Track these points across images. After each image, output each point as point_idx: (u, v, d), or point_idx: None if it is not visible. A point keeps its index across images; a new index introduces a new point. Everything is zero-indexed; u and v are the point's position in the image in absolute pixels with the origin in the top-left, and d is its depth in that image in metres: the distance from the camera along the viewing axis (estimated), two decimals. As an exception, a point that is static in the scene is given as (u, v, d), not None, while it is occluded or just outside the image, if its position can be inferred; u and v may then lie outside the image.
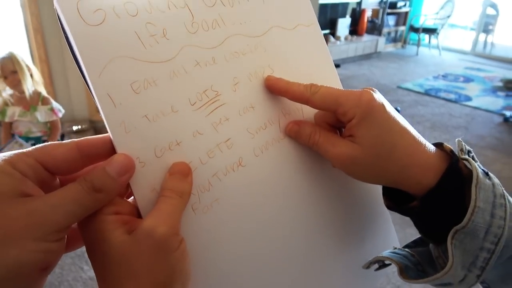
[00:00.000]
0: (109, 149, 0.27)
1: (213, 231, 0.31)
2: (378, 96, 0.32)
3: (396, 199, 0.35)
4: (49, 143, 0.25)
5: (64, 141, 0.25)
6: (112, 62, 0.27)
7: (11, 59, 1.83)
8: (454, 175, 0.30)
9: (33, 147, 0.24)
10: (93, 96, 0.26)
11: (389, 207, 0.36)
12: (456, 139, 0.34)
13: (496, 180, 0.30)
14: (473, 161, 0.30)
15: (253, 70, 0.34)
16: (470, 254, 0.28)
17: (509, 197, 0.30)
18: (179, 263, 0.26)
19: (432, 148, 0.32)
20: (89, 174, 0.24)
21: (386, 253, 0.36)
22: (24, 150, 0.24)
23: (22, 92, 1.88)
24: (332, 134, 0.35)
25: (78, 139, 0.26)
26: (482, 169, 0.30)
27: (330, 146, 0.33)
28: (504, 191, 0.30)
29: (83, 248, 0.27)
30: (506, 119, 3.59)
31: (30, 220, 0.21)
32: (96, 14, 0.26)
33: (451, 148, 0.33)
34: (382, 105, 0.31)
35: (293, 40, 0.38)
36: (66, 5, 0.25)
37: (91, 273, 1.69)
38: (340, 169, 0.34)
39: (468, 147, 0.33)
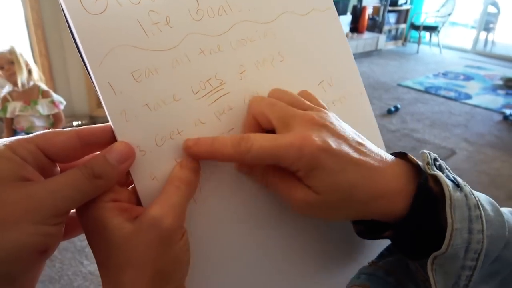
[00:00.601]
0: (110, 138, 0.27)
1: (213, 220, 0.31)
2: (319, 135, 0.27)
3: (368, 225, 0.33)
4: (50, 130, 0.25)
5: (65, 129, 0.26)
6: (114, 51, 0.26)
7: (9, 50, 1.87)
8: (425, 197, 0.28)
9: (34, 133, 0.24)
10: (94, 85, 0.26)
11: (361, 234, 0.33)
12: (420, 151, 0.31)
13: (467, 188, 0.28)
14: (442, 175, 0.28)
15: (261, 57, 0.33)
16: (451, 276, 0.27)
17: (483, 204, 0.28)
18: (181, 253, 0.27)
19: (396, 168, 0.29)
20: (90, 161, 0.25)
21: (362, 277, 0.34)
22: (25, 136, 0.24)
23: (16, 84, 1.90)
24: (288, 176, 0.29)
25: (79, 127, 0.26)
26: (452, 180, 0.28)
27: (287, 190, 0.30)
28: (477, 198, 0.28)
29: (83, 243, 0.27)
30: (505, 117, 3.59)
31: (29, 204, 0.21)
32: (98, 3, 0.26)
33: (417, 161, 0.30)
34: (327, 147, 0.27)
35: (306, 27, 0.36)
36: None
37: (91, 267, 1.70)
38: (300, 213, 0.31)
39: (434, 155, 0.30)
